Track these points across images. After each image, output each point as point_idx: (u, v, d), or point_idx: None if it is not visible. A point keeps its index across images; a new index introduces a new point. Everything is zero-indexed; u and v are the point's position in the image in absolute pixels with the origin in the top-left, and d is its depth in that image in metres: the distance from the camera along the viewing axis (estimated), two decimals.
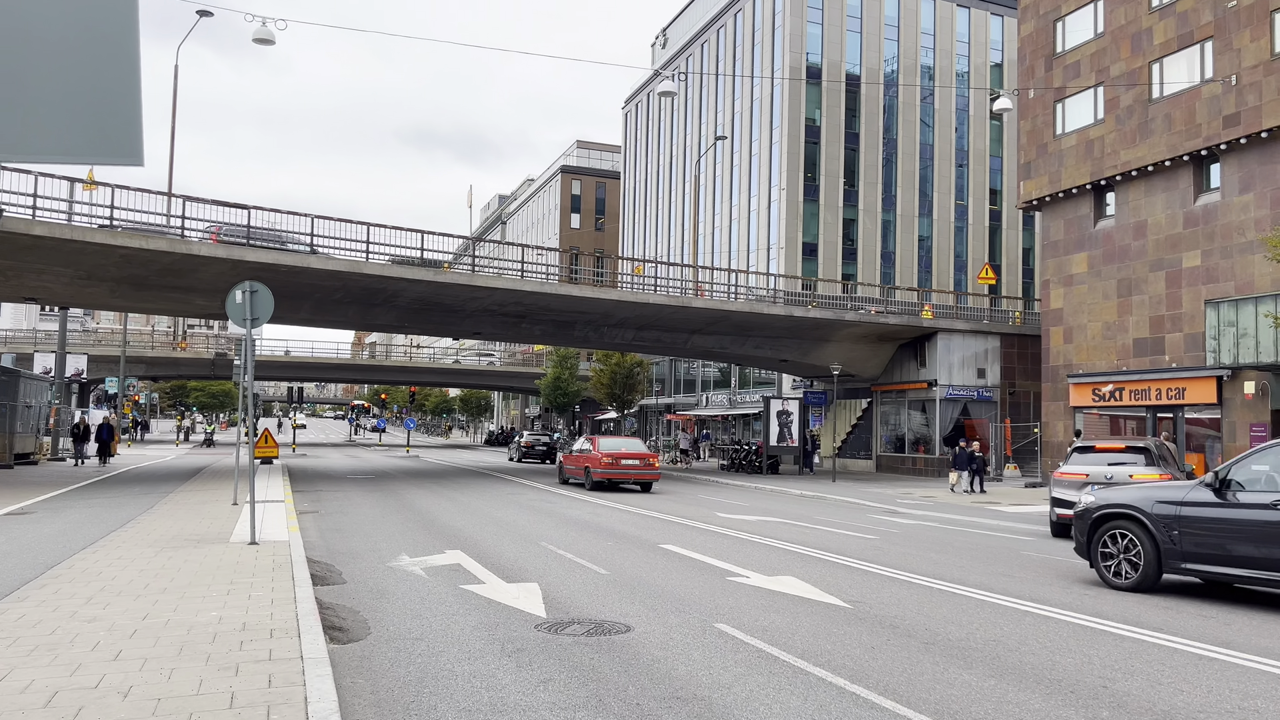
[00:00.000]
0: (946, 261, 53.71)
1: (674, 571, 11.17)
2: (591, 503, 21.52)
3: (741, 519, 18.27)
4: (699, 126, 61.55)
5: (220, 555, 11.16)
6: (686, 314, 33.94)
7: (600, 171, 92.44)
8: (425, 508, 19.41)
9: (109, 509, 17.15)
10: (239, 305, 12.39)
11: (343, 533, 14.75)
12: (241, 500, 18.64)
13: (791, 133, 50.46)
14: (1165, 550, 9.86)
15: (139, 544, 12.14)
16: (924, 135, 53.77)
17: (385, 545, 13.23)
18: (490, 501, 21.28)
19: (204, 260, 24.93)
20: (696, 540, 14.43)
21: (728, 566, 11.60)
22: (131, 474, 28.22)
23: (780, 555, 12.88)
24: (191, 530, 13.76)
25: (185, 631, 7.01)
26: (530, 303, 31.81)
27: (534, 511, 18.94)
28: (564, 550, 12.90)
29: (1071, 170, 31.03)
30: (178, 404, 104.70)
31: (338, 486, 25.37)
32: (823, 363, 39.08)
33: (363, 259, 27.66)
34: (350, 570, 10.93)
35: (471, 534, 14.75)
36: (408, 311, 32.01)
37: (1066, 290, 31.59)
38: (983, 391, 37.93)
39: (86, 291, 26.94)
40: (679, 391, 63.46)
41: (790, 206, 50.16)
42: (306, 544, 12.93)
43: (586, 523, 16.91)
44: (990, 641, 7.64)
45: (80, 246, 23.21)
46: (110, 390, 59.58)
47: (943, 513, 21.14)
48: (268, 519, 15.24)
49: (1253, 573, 9.16)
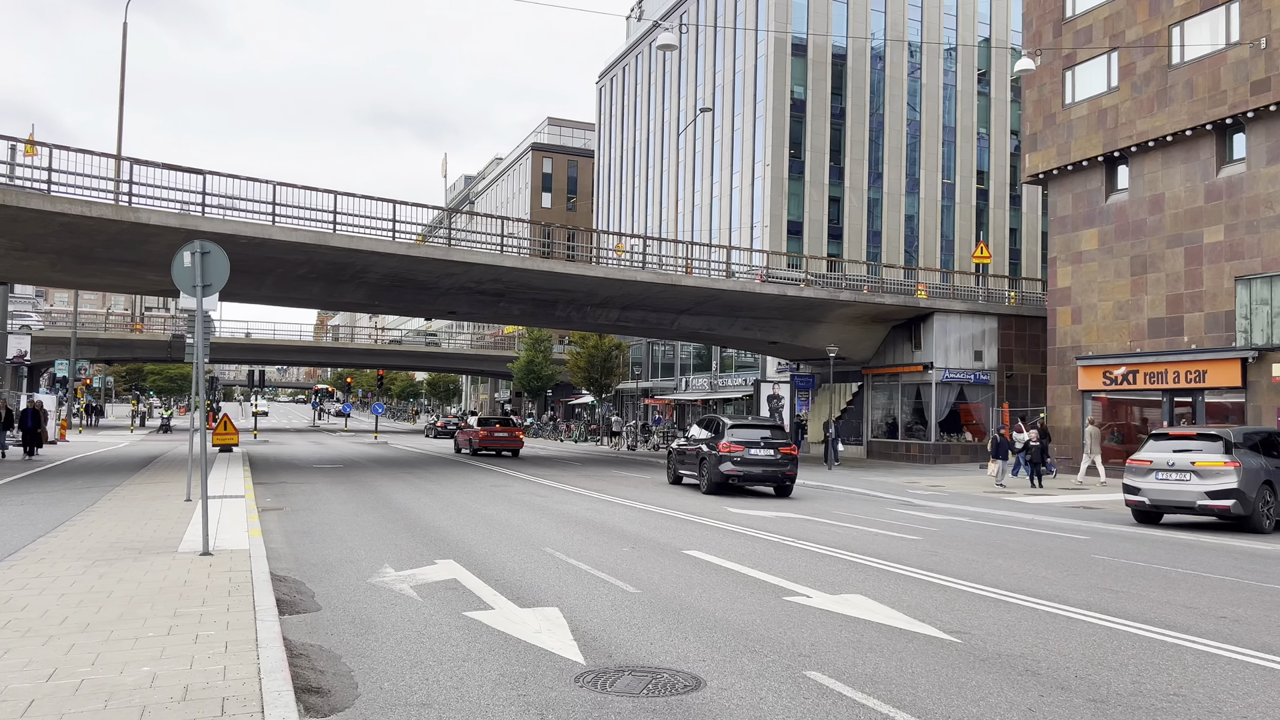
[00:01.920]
0: (934, 241, 52.26)
1: (716, 589, 9.35)
2: (587, 496, 19.65)
3: (757, 515, 16.49)
4: (678, 102, 59.51)
5: (165, 571, 9.16)
6: (675, 293, 32.07)
7: (572, 149, 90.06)
8: (404, 503, 17.43)
9: (43, 507, 15.02)
10: (187, 270, 10.33)
11: (313, 536, 12.76)
12: (196, 496, 16.55)
13: (776, 107, 48.61)
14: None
15: (67, 555, 10.10)
16: (911, 112, 52.18)
17: (364, 553, 11.28)
18: (474, 496, 19.34)
19: (154, 230, 22.64)
20: (722, 544, 12.61)
21: (777, 581, 9.80)
22: (77, 464, 25.89)
23: (828, 564, 11.11)
24: (134, 535, 11.72)
25: (102, 704, 5.05)
26: (510, 280, 29.76)
27: (526, 507, 17.04)
28: (575, 559, 11.03)
29: (1082, 142, 29.48)
30: (134, 388, 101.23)
31: (304, 478, 23.27)
32: (813, 345, 37.45)
33: (329, 230, 25.48)
34: (325, 590, 8.98)
35: (462, 537, 12.82)
36: (378, 289, 29.83)
37: (1075, 268, 30.10)
38: (980, 374, 36.49)
39: (24, 264, 24.51)
40: (657, 375, 61.66)
41: (775, 183, 48.37)
42: (270, 552, 10.96)
43: (588, 521, 15.04)
44: (1171, 695, 5.89)
45: (13, 213, 20.85)
46: (60, 374, 56.65)
47: (964, 505, 19.53)
48: (225, 519, 13.21)
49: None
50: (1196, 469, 14.88)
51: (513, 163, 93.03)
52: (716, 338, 37.89)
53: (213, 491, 17.61)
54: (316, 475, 24.25)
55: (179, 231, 22.71)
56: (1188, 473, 14.97)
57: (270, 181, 24.65)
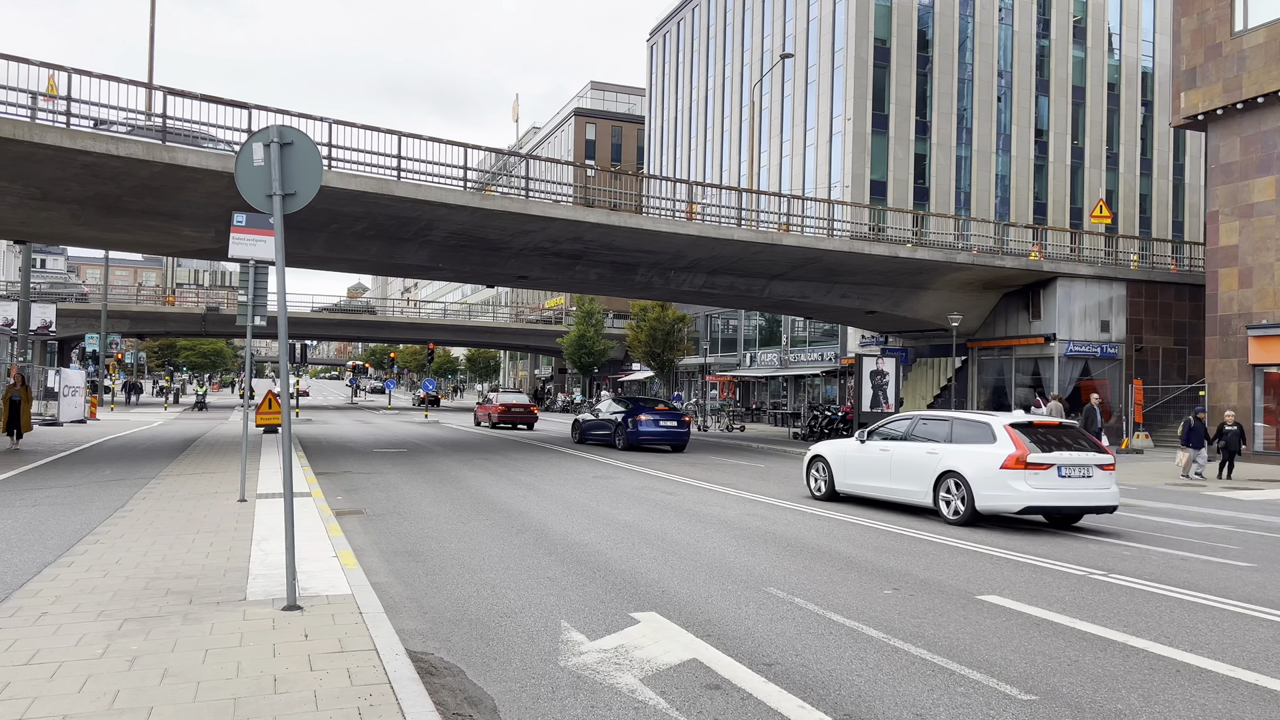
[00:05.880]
0: (1025, 203, 47.99)
1: (1133, 679, 5.67)
2: (721, 493, 16.01)
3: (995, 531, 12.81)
4: (741, 56, 55.34)
5: (235, 647, 5.62)
6: (772, 255, 28.27)
7: (616, 115, 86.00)
8: (507, 503, 13.87)
9: (61, 509, 11.58)
10: (258, 170, 6.73)
11: (424, 561, 9.20)
12: (251, 495, 13.08)
13: (859, 55, 44.39)
14: None
15: (83, 607, 6.59)
16: (1001, 62, 47.75)
17: (515, 596, 7.70)
18: (585, 490, 15.75)
19: (191, 174, 19.13)
20: (1018, 581, 8.92)
21: (1167, 652, 6.12)
22: (106, 448, 22.59)
23: (1186, 611, 7.40)
24: (180, 562, 8.23)
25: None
26: (592, 238, 26.08)
27: (666, 510, 13.42)
28: (834, 611, 7.39)
29: (1257, 75, 25.27)
30: (166, 364, 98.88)
31: (369, 465, 19.80)
32: (916, 314, 33.56)
33: (392, 177, 21.88)
34: (504, 689, 5.39)
35: (631, 564, 9.22)
36: (443, 249, 26.23)
37: (1243, 223, 25.98)
38: (1107, 347, 32.47)
39: (42, 216, 21.09)
40: (717, 350, 57.89)
41: (857, 140, 44.23)
42: (377, 589, 7.43)
43: (770, 535, 11.39)
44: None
45: (26, 150, 17.38)
46: (90, 348, 53.71)
47: (1185, 505, 15.74)
48: (299, 530, 9.67)
49: None
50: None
51: (554, 129, 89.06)
52: (809, 307, 34.06)
53: (270, 485, 14.14)
54: (382, 462, 20.79)
55: (221, 175, 19.18)
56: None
57: (325, 119, 21.06)
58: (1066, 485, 11.87)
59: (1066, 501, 11.87)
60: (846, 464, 14.50)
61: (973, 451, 12.34)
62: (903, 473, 13.36)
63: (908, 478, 13.25)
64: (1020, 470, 11.77)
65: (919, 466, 13.06)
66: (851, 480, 14.39)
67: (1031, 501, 11.73)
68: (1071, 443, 12.31)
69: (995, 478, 11.93)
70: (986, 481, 12.02)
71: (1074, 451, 12.07)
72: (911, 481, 13.17)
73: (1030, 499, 11.72)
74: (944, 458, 12.68)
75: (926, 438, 13.24)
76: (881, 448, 13.84)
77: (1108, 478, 12.18)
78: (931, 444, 13.05)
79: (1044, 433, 12.41)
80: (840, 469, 14.61)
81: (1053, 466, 11.81)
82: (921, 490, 12.98)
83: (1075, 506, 12.01)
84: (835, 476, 14.69)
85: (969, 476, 12.20)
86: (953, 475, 12.49)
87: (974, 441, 12.47)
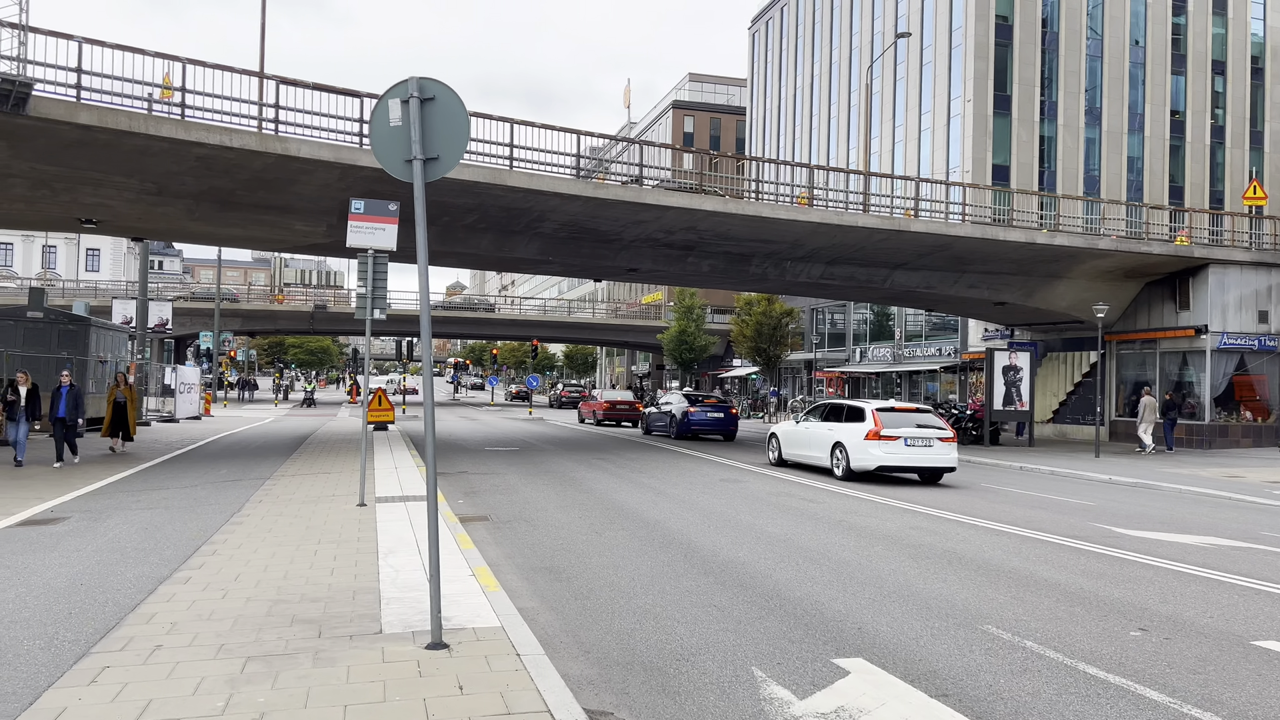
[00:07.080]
0: (1160, 187, 44.78)
1: None
2: (870, 501, 14.62)
3: (1157, 538, 11.19)
4: (849, 39, 53.31)
5: (378, 704, 4.60)
6: (897, 242, 26.56)
7: (714, 106, 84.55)
8: (639, 510, 12.77)
9: (176, 514, 10.96)
10: (396, 130, 5.74)
11: (569, 581, 8.14)
12: (370, 500, 12.30)
13: (980, 32, 42.03)
14: None
15: (202, 637, 5.70)
16: (1134, 33, 44.66)
17: (685, 630, 6.55)
18: (718, 497, 14.55)
19: (304, 166, 18.62)
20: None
21: None
22: (220, 446, 22.40)
23: None
24: (303, 580, 7.35)
25: None
26: (707, 228, 24.86)
27: (812, 520, 12.13)
28: (1083, 661, 6.04)
29: None
30: (275, 361, 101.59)
31: (484, 465, 19.01)
32: (1049, 305, 31.33)
33: (505, 167, 21.06)
34: None
35: (799, 586, 7.99)
36: (553, 241, 25.36)
37: None
38: (1265, 340, 29.74)
39: (158, 212, 20.94)
40: (823, 346, 55.99)
41: (978, 122, 41.90)
42: (526, 617, 6.38)
43: (952, 554, 10.01)
44: None
45: (143, 143, 17.07)
46: (204, 345, 54.97)
47: None
48: (425, 543, 8.71)
49: None
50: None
51: (652, 123, 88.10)
52: (935, 298, 32.17)
53: (388, 488, 13.37)
54: (496, 461, 19.99)
55: (334, 167, 18.65)
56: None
57: None
58: (910, 451, 16.59)
59: (910, 462, 16.64)
60: (788, 439, 19.63)
61: (851, 428, 17.09)
62: (816, 444, 18.26)
63: (818, 447, 18.11)
64: (877, 441, 16.56)
65: (823, 440, 17.98)
66: (790, 450, 19.46)
67: (883, 462, 16.51)
68: (922, 423, 16.90)
69: (860, 446, 16.70)
70: (856, 448, 16.79)
71: (921, 429, 16.70)
72: (820, 450, 18.06)
73: (882, 460, 16.51)
74: (836, 433, 17.54)
75: (831, 418, 18.09)
76: (806, 427, 18.92)
77: (948, 447, 16.80)
78: (832, 423, 17.85)
79: (901, 414, 17.08)
80: (786, 443, 19.72)
81: (900, 438, 16.52)
82: (824, 456, 17.88)
83: (916, 466, 16.71)
84: (783, 449, 19.80)
85: (847, 445, 17.00)
86: (839, 446, 17.27)
87: (854, 420, 17.21)
